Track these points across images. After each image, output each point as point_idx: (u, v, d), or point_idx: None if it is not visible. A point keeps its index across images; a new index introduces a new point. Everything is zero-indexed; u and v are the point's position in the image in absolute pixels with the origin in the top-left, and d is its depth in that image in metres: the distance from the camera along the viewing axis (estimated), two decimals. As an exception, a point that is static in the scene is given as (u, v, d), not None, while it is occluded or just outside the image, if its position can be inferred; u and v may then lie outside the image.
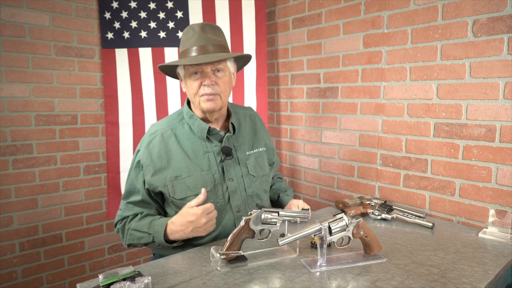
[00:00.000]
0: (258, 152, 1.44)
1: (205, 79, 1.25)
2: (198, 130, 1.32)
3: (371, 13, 1.82)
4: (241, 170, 1.36)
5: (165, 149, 1.30)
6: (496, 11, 1.41)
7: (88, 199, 2.33)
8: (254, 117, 1.52)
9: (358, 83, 1.92)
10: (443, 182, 1.61)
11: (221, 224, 1.32)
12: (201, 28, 1.28)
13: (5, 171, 2.02)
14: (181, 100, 2.29)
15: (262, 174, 1.42)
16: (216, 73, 1.27)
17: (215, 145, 1.34)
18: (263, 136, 1.50)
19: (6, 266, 2.06)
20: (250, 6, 2.23)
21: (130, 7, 2.22)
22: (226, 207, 1.33)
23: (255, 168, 1.40)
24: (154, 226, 1.23)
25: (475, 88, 1.49)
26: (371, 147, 1.89)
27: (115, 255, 2.48)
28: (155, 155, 1.29)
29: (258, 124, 1.52)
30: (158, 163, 1.29)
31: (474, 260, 1.16)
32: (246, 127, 1.46)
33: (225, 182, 1.32)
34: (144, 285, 0.92)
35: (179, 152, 1.30)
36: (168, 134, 1.33)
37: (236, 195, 1.34)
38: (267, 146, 1.50)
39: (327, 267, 1.10)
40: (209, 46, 1.25)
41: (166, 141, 1.32)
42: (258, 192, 1.40)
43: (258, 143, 1.46)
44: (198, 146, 1.32)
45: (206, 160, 1.31)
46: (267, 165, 1.48)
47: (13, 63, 2.00)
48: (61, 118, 2.19)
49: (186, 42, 1.29)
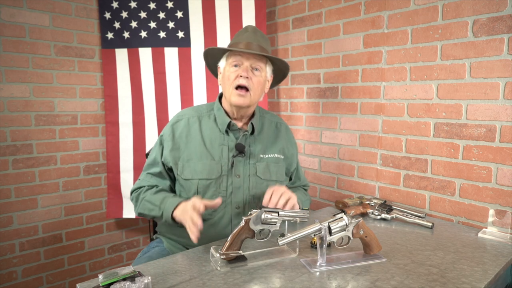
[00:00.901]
0: (273, 157, 1.45)
1: (243, 71, 1.32)
2: (220, 122, 1.40)
3: (371, 13, 1.82)
4: (250, 169, 1.39)
5: (186, 132, 1.39)
6: (496, 11, 1.41)
7: (88, 199, 2.33)
8: (280, 125, 1.55)
9: (358, 83, 1.92)
10: (443, 182, 1.61)
11: (218, 215, 1.35)
12: (253, 30, 1.38)
13: (5, 171, 2.03)
14: (181, 100, 2.29)
15: (271, 180, 1.42)
16: (253, 71, 1.34)
17: (232, 140, 1.39)
18: (282, 144, 1.50)
19: (6, 266, 2.06)
20: (250, 6, 2.22)
21: (130, 7, 2.22)
22: (226, 201, 1.35)
23: (264, 171, 1.41)
24: (166, 202, 1.28)
25: (475, 88, 1.49)
26: (371, 147, 1.89)
27: (115, 255, 2.48)
28: (177, 135, 1.39)
29: (283, 132, 1.54)
30: (177, 142, 1.38)
31: (473, 260, 1.16)
32: (268, 132, 1.49)
33: (232, 176, 1.36)
34: (144, 285, 0.92)
35: (198, 138, 1.39)
36: (193, 120, 1.42)
37: (239, 192, 1.37)
38: (285, 155, 1.49)
39: (327, 267, 1.10)
40: (255, 45, 1.34)
41: (191, 125, 1.41)
42: (263, 195, 1.40)
43: (274, 149, 1.47)
44: (216, 137, 1.39)
45: (219, 151, 1.37)
46: (282, 173, 1.47)
47: (13, 63, 2.00)
48: (61, 118, 2.20)
49: (236, 37, 1.38)
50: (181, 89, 2.28)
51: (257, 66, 1.34)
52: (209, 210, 1.34)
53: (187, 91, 2.28)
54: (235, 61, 1.33)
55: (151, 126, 2.31)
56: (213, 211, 1.34)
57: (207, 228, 1.34)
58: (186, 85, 2.28)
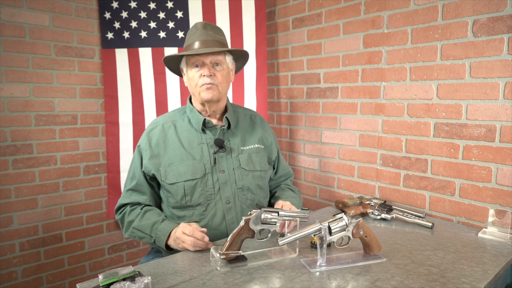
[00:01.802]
0: (254, 148, 1.48)
1: (205, 69, 1.34)
2: (195, 122, 1.42)
3: (371, 13, 1.82)
4: (233, 163, 1.41)
5: (163, 138, 1.41)
6: (496, 11, 1.41)
7: (88, 199, 2.33)
8: (254, 117, 1.58)
9: (358, 83, 1.92)
10: (443, 182, 1.61)
11: (209, 214, 1.36)
12: (203, 26, 1.39)
13: (5, 171, 2.02)
14: (181, 100, 2.30)
15: (256, 169, 1.45)
16: (215, 66, 1.37)
17: (210, 137, 1.41)
18: (259, 134, 1.53)
19: (6, 266, 2.06)
20: (250, 6, 2.22)
21: (130, 7, 2.22)
22: (215, 197, 1.37)
23: (247, 162, 1.44)
24: (156, 230, 1.29)
25: (475, 88, 1.49)
26: (371, 147, 1.89)
27: (115, 255, 2.48)
28: (154, 142, 1.40)
29: (258, 123, 1.57)
30: (155, 149, 1.39)
31: (473, 260, 1.16)
32: (244, 125, 1.52)
33: (216, 173, 1.38)
34: (144, 285, 0.92)
35: (176, 141, 1.40)
36: (168, 125, 1.44)
37: (226, 186, 1.38)
38: (264, 144, 1.52)
39: (326, 267, 1.10)
40: (210, 41, 1.36)
41: (166, 131, 1.42)
42: (250, 186, 1.43)
43: (253, 140, 1.50)
44: (193, 137, 1.41)
45: (199, 150, 1.39)
46: (265, 162, 1.50)
47: (13, 63, 2.00)
48: (61, 118, 2.20)
49: (189, 38, 1.40)
50: (181, 89, 2.28)
51: (217, 60, 1.37)
52: (200, 211, 1.35)
53: (187, 91, 2.28)
54: (195, 62, 1.36)
55: (151, 126, 2.32)
56: (204, 211, 1.36)
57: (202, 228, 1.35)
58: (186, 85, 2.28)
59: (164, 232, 1.27)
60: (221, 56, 1.38)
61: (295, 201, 1.49)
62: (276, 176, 1.62)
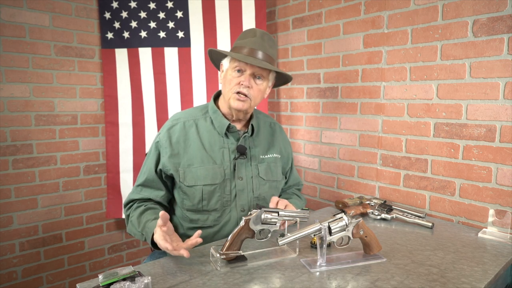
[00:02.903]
0: (272, 157, 1.46)
1: (245, 79, 1.28)
2: (218, 125, 1.36)
3: (371, 13, 1.82)
4: (252, 171, 1.38)
5: (184, 137, 1.35)
6: (496, 11, 1.41)
7: (88, 199, 2.33)
8: (274, 125, 1.55)
9: (358, 83, 1.92)
10: (443, 182, 1.61)
11: (223, 220, 1.34)
12: (261, 34, 1.33)
13: (5, 171, 2.02)
14: (181, 101, 2.29)
15: (273, 180, 1.43)
16: (255, 79, 1.31)
17: (232, 143, 1.37)
18: (279, 144, 1.51)
19: (6, 266, 2.06)
20: (250, 6, 2.22)
21: (130, 7, 2.22)
22: (231, 205, 1.34)
23: (266, 172, 1.41)
24: (146, 228, 1.22)
25: (475, 88, 1.49)
26: (371, 147, 1.89)
27: (115, 255, 2.48)
28: (174, 140, 1.34)
29: (277, 132, 1.54)
30: (175, 148, 1.33)
31: (473, 260, 1.16)
32: (265, 132, 1.49)
33: (235, 179, 1.35)
34: (144, 285, 0.92)
35: (197, 142, 1.34)
36: (189, 124, 1.37)
37: (243, 194, 1.36)
38: (281, 154, 1.50)
39: (326, 267, 1.10)
40: (260, 53, 1.29)
41: (187, 129, 1.36)
42: (266, 196, 1.40)
43: (273, 149, 1.47)
44: (215, 140, 1.36)
45: (220, 154, 1.35)
46: (280, 173, 1.48)
47: (13, 63, 2.00)
48: (61, 118, 2.20)
49: (243, 39, 1.33)
50: (181, 90, 2.28)
51: (260, 74, 1.31)
52: (215, 216, 1.33)
53: (187, 92, 2.28)
54: (238, 67, 1.29)
55: (150, 126, 2.31)
56: (219, 217, 1.33)
57: (214, 234, 1.34)
58: (186, 85, 2.28)
59: (152, 228, 1.20)
60: (266, 72, 1.32)
61: (297, 202, 1.48)
62: (286, 186, 1.60)
